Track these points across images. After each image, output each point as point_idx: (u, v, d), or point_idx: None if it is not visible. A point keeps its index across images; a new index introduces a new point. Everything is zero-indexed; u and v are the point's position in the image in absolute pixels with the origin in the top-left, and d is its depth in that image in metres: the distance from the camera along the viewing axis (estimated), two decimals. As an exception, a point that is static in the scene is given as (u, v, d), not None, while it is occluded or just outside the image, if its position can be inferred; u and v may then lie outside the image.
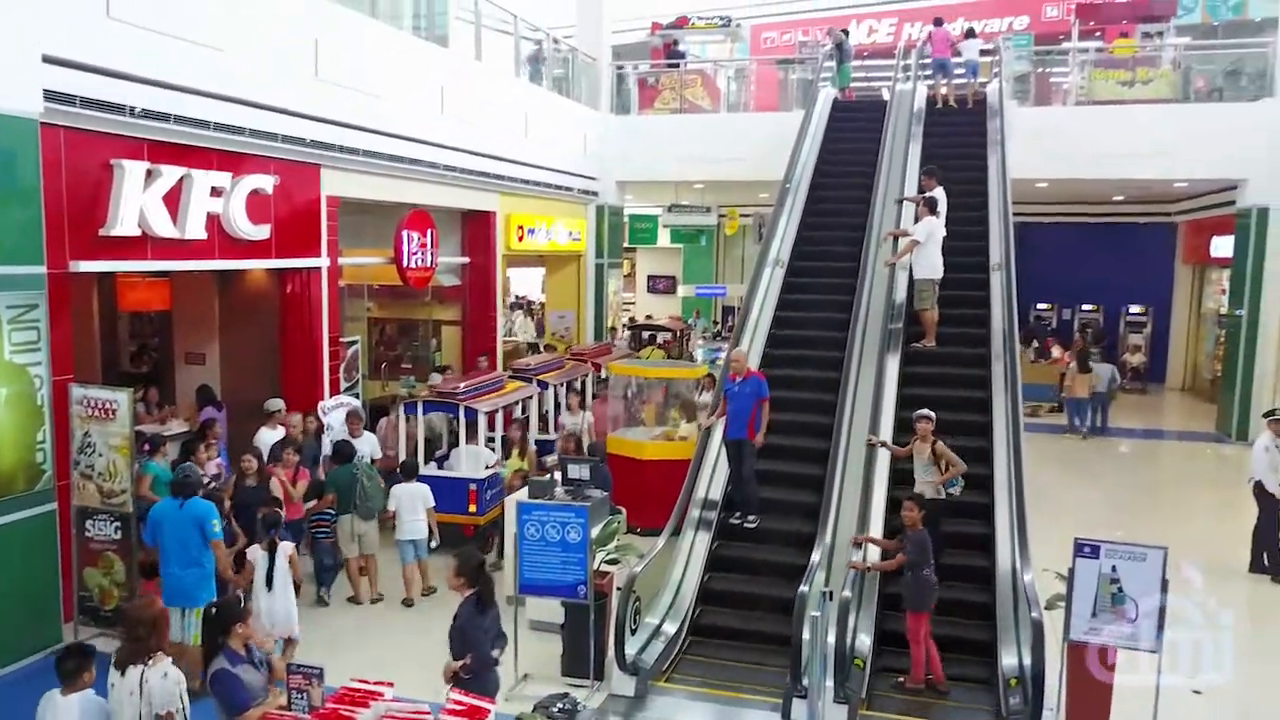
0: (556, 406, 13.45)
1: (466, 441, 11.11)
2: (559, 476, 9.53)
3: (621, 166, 19.88)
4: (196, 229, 9.53)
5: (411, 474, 9.85)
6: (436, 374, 13.84)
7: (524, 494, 9.30)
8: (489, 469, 11.02)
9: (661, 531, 8.98)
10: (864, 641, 7.68)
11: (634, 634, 7.94)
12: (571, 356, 15.48)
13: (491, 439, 11.48)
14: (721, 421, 9.82)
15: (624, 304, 25.55)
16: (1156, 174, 17.74)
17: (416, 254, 13.22)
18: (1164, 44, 19.58)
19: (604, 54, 20.05)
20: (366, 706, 5.04)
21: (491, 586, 6.12)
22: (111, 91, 8.47)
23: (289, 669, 5.32)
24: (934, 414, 8.69)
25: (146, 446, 9.10)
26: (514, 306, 26.15)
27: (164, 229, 9.15)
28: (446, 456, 11.62)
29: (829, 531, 8.52)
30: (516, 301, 27.03)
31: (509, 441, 11.54)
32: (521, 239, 16.57)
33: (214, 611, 5.69)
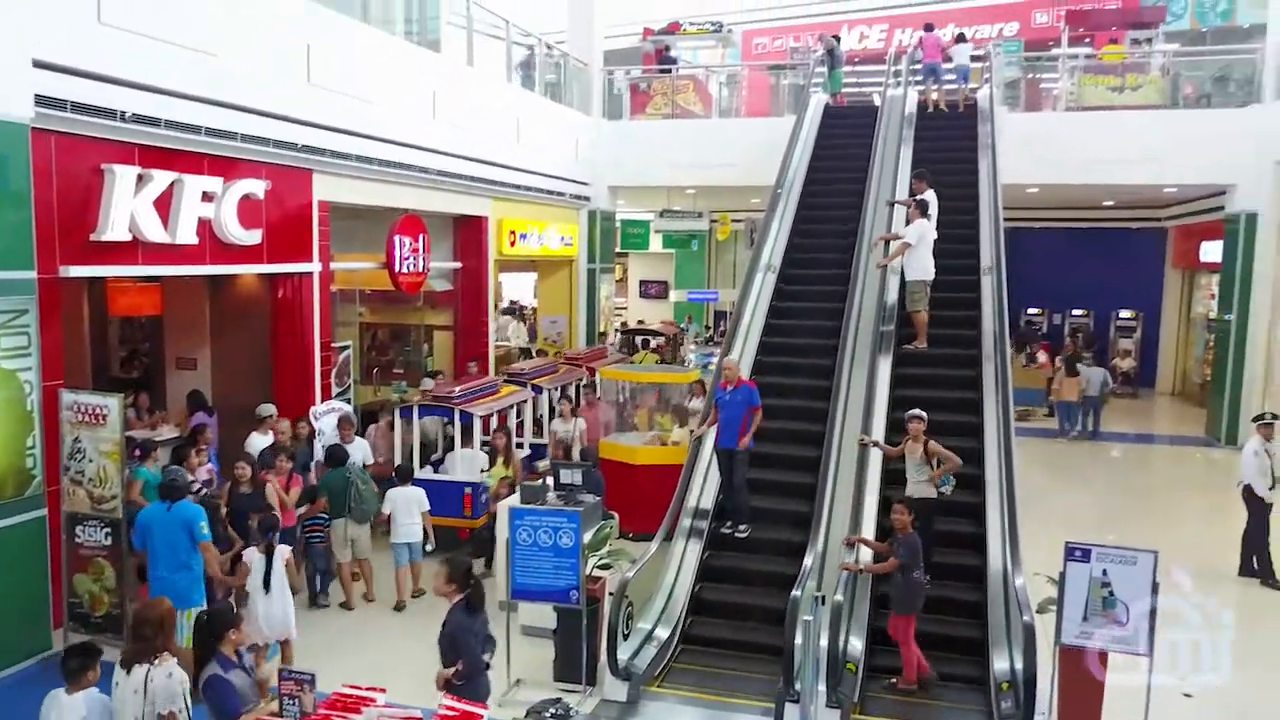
0: (551, 411, 13.45)
1: (461, 446, 11.13)
2: (551, 482, 9.54)
3: (613, 172, 19.89)
4: (188, 234, 9.51)
5: (407, 478, 9.92)
6: (428, 379, 13.83)
7: (515, 499, 9.29)
8: (484, 473, 11.03)
9: (654, 537, 8.98)
10: (856, 646, 7.69)
11: (626, 639, 7.94)
12: (566, 361, 15.49)
13: (486, 442, 11.50)
14: (712, 430, 9.71)
15: (616, 309, 25.56)
16: (1146, 179, 17.85)
17: (408, 259, 13.21)
18: (1153, 50, 19.68)
19: (596, 59, 20.07)
20: (358, 712, 5.02)
21: (481, 590, 6.12)
22: (102, 96, 8.46)
23: (281, 675, 5.31)
24: (925, 414, 8.75)
25: (137, 452, 9.07)
26: (507, 312, 26.13)
27: (155, 234, 9.12)
28: (442, 460, 11.64)
29: (821, 537, 8.53)
30: (510, 307, 27.02)
31: (494, 449, 11.32)
32: (513, 244, 16.57)
33: (206, 618, 5.68)
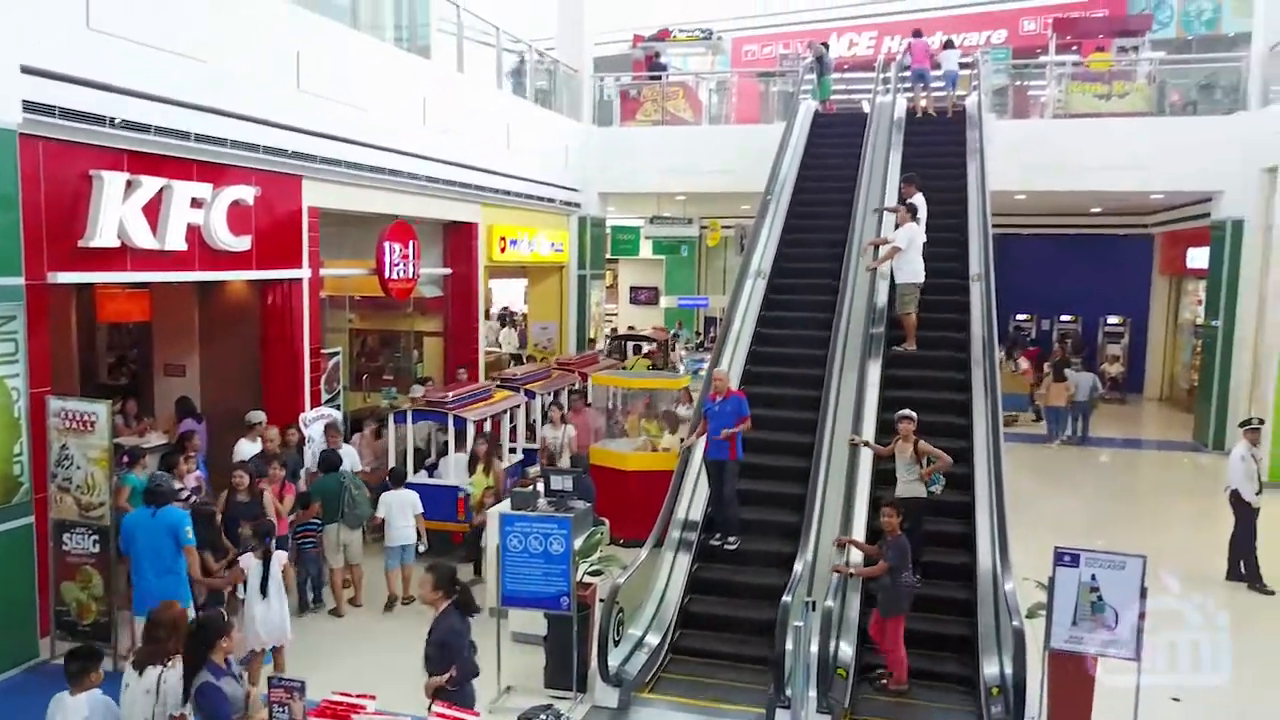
0: (544, 416, 13.44)
1: (456, 450, 11.14)
2: (542, 488, 9.53)
3: (603, 178, 19.92)
4: (176, 240, 9.48)
5: (400, 481, 10.00)
6: (418, 385, 13.82)
7: (505, 505, 9.28)
8: (466, 482, 11.01)
9: (644, 543, 8.97)
10: (846, 651, 7.70)
11: (617, 645, 7.93)
12: (559, 366, 15.50)
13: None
14: (701, 441, 9.64)
15: (606, 315, 25.57)
16: (1133, 186, 17.95)
17: (398, 265, 13.20)
18: (1139, 58, 19.81)
19: (586, 66, 20.10)
20: (348, 720, 5.02)
21: (470, 595, 6.13)
22: (91, 102, 8.42)
23: (270, 683, 5.29)
24: (915, 414, 8.79)
25: (125, 459, 9.03)
26: (500, 318, 26.14)
27: (144, 240, 9.09)
28: (436, 465, 11.64)
29: (811, 543, 8.54)
30: (502, 313, 27.02)
31: (475, 457, 10.99)
32: (504, 250, 16.57)
33: (197, 626, 5.66)
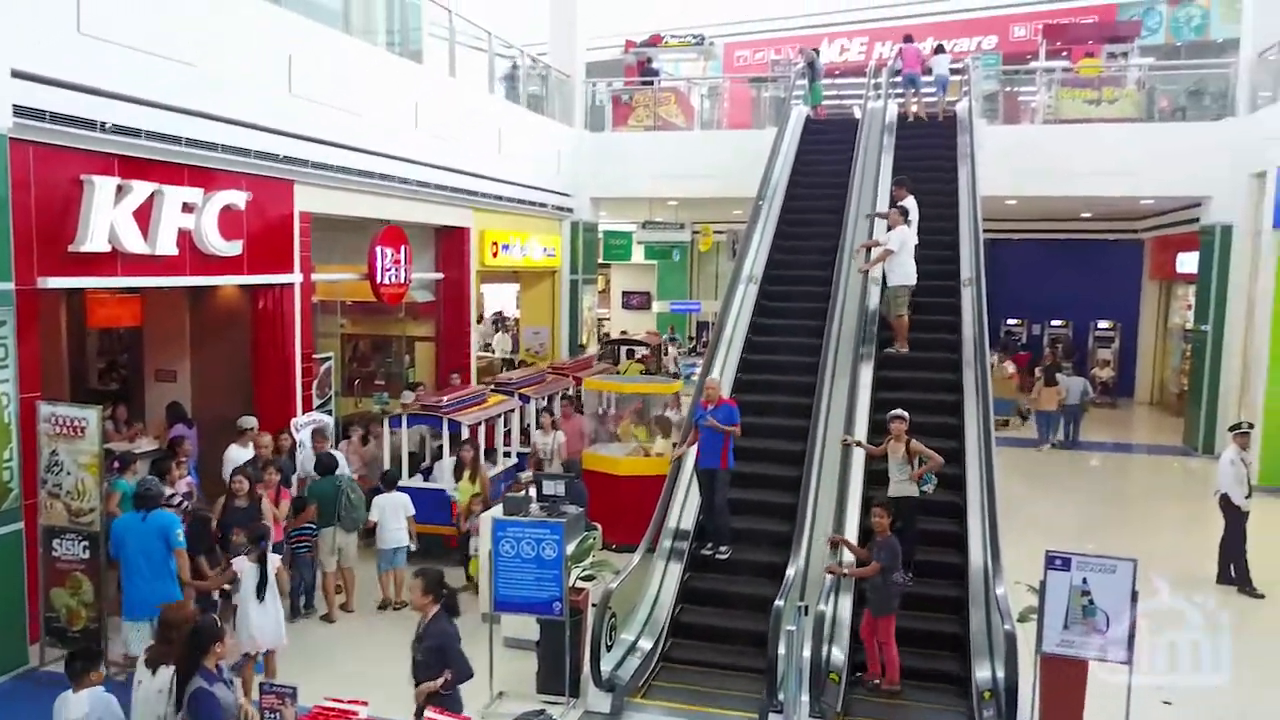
0: (537, 421, 13.42)
1: (450, 454, 11.15)
2: (534, 493, 9.51)
3: (595, 183, 19.94)
4: (168, 245, 9.45)
5: (392, 484, 10.07)
6: (408, 391, 13.79)
7: (497, 511, 9.26)
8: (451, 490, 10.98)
9: (636, 548, 8.96)
10: (838, 656, 7.71)
11: (609, 650, 7.92)
12: (552, 371, 15.48)
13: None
14: (692, 450, 9.61)
15: (599, 319, 25.60)
16: (1123, 192, 18.04)
17: (390, 270, 13.19)
18: (1129, 64, 19.92)
19: (578, 71, 20.14)
20: (340, 726, 5.01)
21: (456, 598, 6.15)
22: (82, 106, 8.41)
23: (262, 689, 5.28)
24: (907, 414, 8.83)
25: (116, 464, 9.00)
26: (494, 323, 26.14)
27: (134, 245, 9.06)
28: (431, 469, 11.66)
29: (803, 549, 8.53)
30: (496, 318, 27.03)
31: (461, 463, 10.81)
32: (495, 255, 16.57)
33: (192, 632, 5.65)
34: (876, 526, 7.78)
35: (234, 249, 10.36)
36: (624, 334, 23.92)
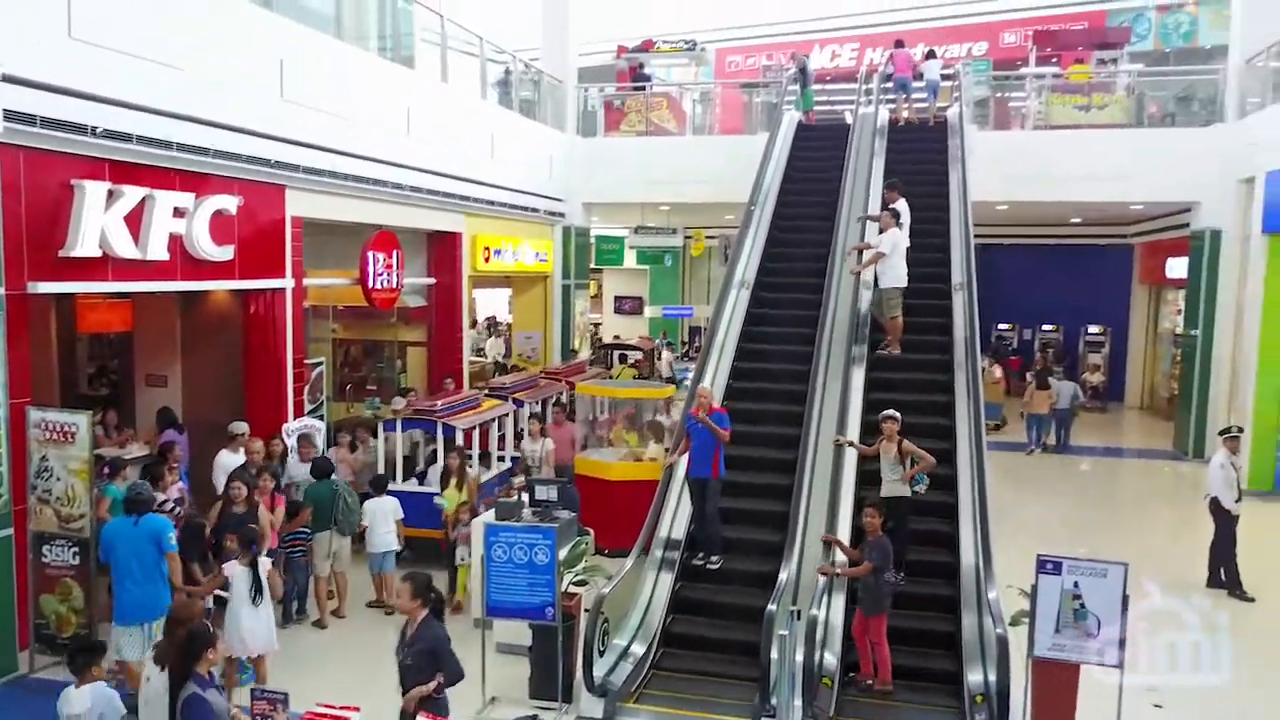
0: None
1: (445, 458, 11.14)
2: (526, 498, 9.51)
3: (587, 188, 19.96)
4: (159, 250, 9.43)
5: (382, 488, 10.09)
6: (399, 397, 13.77)
7: (489, 516, 9.25)
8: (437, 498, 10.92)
9: (629, 553, 8.96)
10: (831, 661, 7.71)
11: (602, 655, 7.91)
12: (545, 375, 15.47)
13: (469, 455, 11.44)
14: (684, 459, 9.54)
15: (591, 324, 25.59)
16: (1113, 197, 18.15)
17: (382, 275, 13.17)
18: (1118, 70, 20.05)
19: (570, 76, 20.17)
20: (332, 731, 4.99)
21: (442, 597, 6.14)
22: (73, 111, 8.39)
23: (253, 695, 5.27)
24: (899, 415, 8.86)
25: (106, 470, 8.95)
26: (487, 327, 26.11)
27: (125, 250, 9.03)
28: (425, 474, 11.66)
29: (795, 554, 8.54)
30: (488, 323, 27.01)
31: (448, 471, 10.58)
32: (488, 260, 16.56)
33: (186, 638, 5.63)
34: (868, 526, 7.81)
35: (225, 254, 10.34)
36: (616, 338, 23.92)
